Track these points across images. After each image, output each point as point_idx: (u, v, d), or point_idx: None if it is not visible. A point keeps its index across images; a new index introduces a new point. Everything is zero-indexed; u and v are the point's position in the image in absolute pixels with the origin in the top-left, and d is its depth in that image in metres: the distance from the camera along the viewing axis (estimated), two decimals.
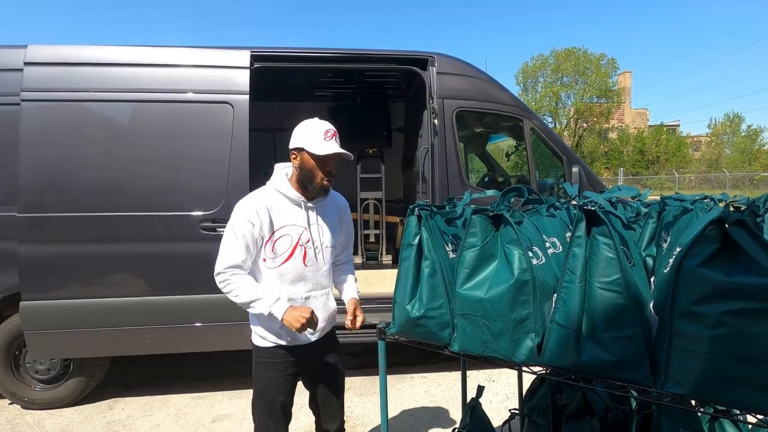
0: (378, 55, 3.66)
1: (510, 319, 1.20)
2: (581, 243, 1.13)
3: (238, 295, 1.73)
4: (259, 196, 1.79)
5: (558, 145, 3.99)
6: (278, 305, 1.71)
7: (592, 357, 1.09)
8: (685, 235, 1.08)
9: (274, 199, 1.79)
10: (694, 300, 0.94)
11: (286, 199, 1.80)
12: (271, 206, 1.77)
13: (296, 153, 1.78)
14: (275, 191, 1.81)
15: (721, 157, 34.87)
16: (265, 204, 1.76)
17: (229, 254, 1.73)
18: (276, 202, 1.79)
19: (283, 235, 1.78)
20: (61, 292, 3.06)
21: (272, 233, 1.76)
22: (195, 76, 3.23)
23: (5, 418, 3.20)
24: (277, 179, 1.83)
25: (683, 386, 0.98)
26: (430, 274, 1.36)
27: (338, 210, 1.98)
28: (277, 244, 1.77)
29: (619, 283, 1.06)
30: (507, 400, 3.31)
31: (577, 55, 32.39)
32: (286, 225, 1.79)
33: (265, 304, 1.71)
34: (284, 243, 1.78)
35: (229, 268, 1.73)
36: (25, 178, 3.00)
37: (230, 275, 1.73)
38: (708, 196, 1.45)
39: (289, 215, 1.80)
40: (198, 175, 3.17)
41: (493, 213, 1.27)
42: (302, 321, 1.67)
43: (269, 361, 1.85)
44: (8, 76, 3.11)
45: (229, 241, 1.74)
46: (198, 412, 3.24)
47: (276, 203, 1.79)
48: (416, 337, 1.41)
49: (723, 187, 24.59)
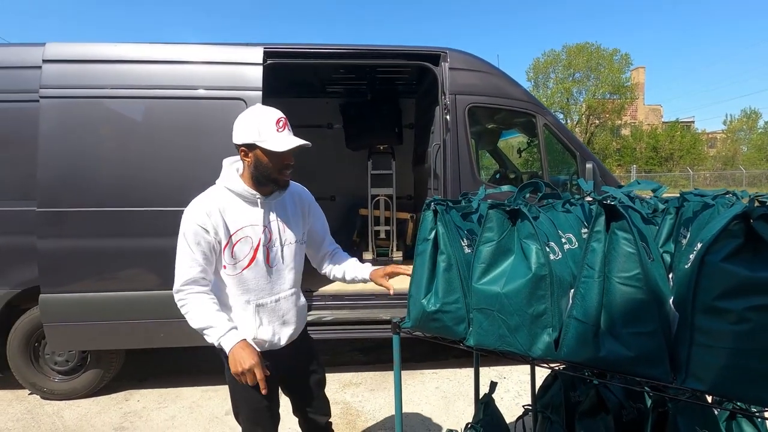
0: (390, 50, 3.65)
1: (527, 313, 1.19)
2: (600, 238, 1.12)
3: (191, 319, 1.55)
4: (208, 198, 1.60)
5: (571, 141, 3.96)
6: (228, 337, 1.52)
7: (610, 352, 1.08)
8: (707, 230, 1.07)
9: (226, 198, 1.61)
10: (716, 295, 0.93)
11: (239, 198, 1.62)
12: (223, 207, 1.59)
13: (246, 149, 1.58)
14: (226, 190, 1.62)
15: (737, 154, 34.17)
16: (216, 206, 1.57)
17: (184, 269, 1.55)
18: (229, 203, 1.60)
19: (241, 237, 1.60)
20: (78, 286, 3.13)
21: (229, 237, 1.58)
22: (209, 72, 3.26)
23: (25, 407, 3.29)
24: (226, 176, 1.64)
25: (704, 382, 0.97)
26: (446, 269, 1.36)
27: (299, 201, 1.80)
28: (236, 249, 1.60)
29: (638, 278, 1.05)
30: (518, 397, 3.31)
31: (589, 50, 31.93)
32: (243, 227, 1.60)
33: (215, 334, 1.52)
34: (244, 246, 1.61)
35: (187, 285, 1.55)
36: (43, 174, 3.06)
37: (187, 293, 1.56)
38: (730, 191, 1.43)
39: (244, 215, 1.61)
40: (212, 171, 3.17)
41: (510, 208, 1.27)
42: (243, 368, 1.49)
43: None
44: (28, 74, 3.17)
45: (184, 253, 1.56)
46: (211, 405, 3.29)
47: (229, 203, 1.60)
48: (431, 331, 1.42)
49: (739, 184, 24.12)
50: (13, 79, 3.20)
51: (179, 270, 1.57)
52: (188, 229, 1.56)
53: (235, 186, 1.62)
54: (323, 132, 5.66)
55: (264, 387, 1.52)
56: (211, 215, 1.56)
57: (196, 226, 1.55)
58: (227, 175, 1.65)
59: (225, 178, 1.65)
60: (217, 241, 1.58)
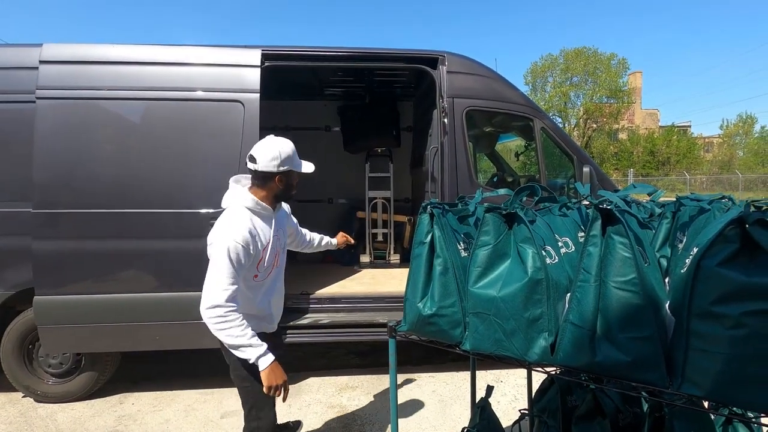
0: (388, 54, 3.65)
1: (523, 318, 1.19)
2: (596, 242, 1.12)
3: (230, 336, 1.72)
4: (242, 219, 1.81)
5: (569, 145, 3.97)
6: (265, 358, 1.76)
7: (607, 357, 1.08)
8: (702, 234, 1.07)
9: (252, 219, 1.84)
10: (712, 300, 0.93)
11: (257, 216, 1.87)
12: (254, 226, 1.83)
13: (283, 176, 1.86)
14: (247, 210, 1.84)
15: (733, 159, 34.36)
16: (249, 229, 1.79)
17: (226, 286, 1.71)
18: (255, 223, 1.84)
19: (269, 249, 1.88)
20: (73, 288, 3.10)
21: (263, 251, 1.85)
22: (207, 74, 3.26)
23: (18, 411, 3.25)
24: (243, 197, 1.85)
25: (700, 387, 0.96)
26: (442, 272, 1.35)
27: (285, 212, 2.16)
28: (266, 259, 1.87)
29: (634, 283, 1.05)
30: (515, 400, 3.30)
31: (586, 54, 32.10)
32: (270, 239, 1.88)
33: (254, 353, 1.74)
34: (270, 255, 1.90)
35: (228, 302, 1.71)
36: (39, 175, 3.05)
37: (227, 311, 1.71)
38: (726, 196, 1.43)
39: (267, 229, 1.89)
40: (209, 173, 3.19)
41: (506, 211, 1.27)
42: (277, 383, 1.76)
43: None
44: (24, 74, 3.16)
45: (226, 271, 1.71)
46: (207, 408, 3.27)
47: (255, 222, 1.84)
48: (427, 335, 1.41)
49: (735, 189, 24.23)
50: (10, 80, 3.18)
51: (220, 287, 1.71)
52: (232, 249, 1.73)
53: (254, 205, 1.85)
54: (321, 135, 5.66)
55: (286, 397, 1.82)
56: (252, 236, 1.79)
57: (240, 246, 1.74)
58: (244, 196, 1.86)
59: (243, 199, 1.85)
60: (255, 257, 1.81)
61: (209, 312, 1.72)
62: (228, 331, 1.71)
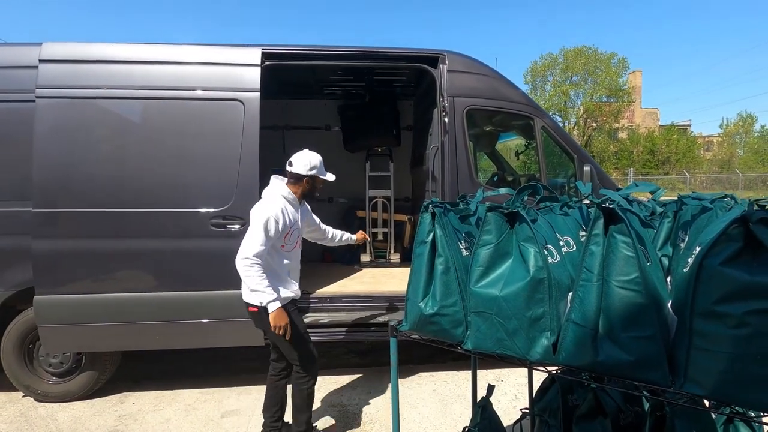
0: (389, 52, 3.65)
1: (525, 317, 1.19)
2: (599, 241, 1.12)
3: (251, 280, 2.34)
4: (279, 203, 2.48)
5: (569, 144, 3.96)
6: (274, 304, 2.37)
7: (609, 357, 1.07)
8: (705, 233, 1.07)
9: (286, 204, 2.52)
10: (715, 299, 0.93)
11: (291, 204, 2.56)
12: (286, 209, 2.50)
13: (310, 179, 2.58)
14: (284, 199, 2.52)
15: (733, 158, 34.36)
16: (282, 208, 2.48)
17: (257, 246, 2.34)
18: (287, 207, 2.52)
19: (294, 229, 2.56)
20: (74, 287, 3.10)
21: (289, 228, 2.51)
22: (207, 73, 3.25)
23: (19, 410, 3.25)
24: (283, 189, 2.55)
25: (703, 387, 0.96)
26: (444, 271, 1.35)
27: (307, 208, 2.79)
28: (290, 236, 2.53)
29: (637, 282, 1.05)
30: (516, 400, 3.30)
31: (586, 54, 32.06)
32: (294, 222, 2.55)
33: (265, 298, 2.35)
34: (294, 235, 2.56)
35: (256, 257, 2.34)
36: (39, 174, 3.04)
37: (253, 263, 2.33)
38: (728, 195, 1.43)
39: (294, 215, 2.56)
40: (209, 172, 3.19)
41: (508, 210, 1.26)
42: (281, 324, 2.37)
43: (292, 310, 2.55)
44: (23, 73, 3.15)
45: (259, 235, 2.35)
46: (207, 408, 3.26)
47: (287, 207, 2.52)
48: (429, 334, 1.41)
49: (735, 188, 24.23)
50: (9, 79, 3.18)
51: (253, 245, 2.34)
52: (268, 221, 2.37)
53: (287, 195, 2.55)
54: (321, 134, 5.65)
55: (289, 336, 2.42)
56: (284, 213, 2.46)
57: (274, 220, 2.39)
58: (282, 187, 2.55)
59: (281, 189, 2.55)
60: (283, 231, 2.46)
61: (241, 261, 2.34)
62: (251, 277, 2.33)
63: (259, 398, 3.37)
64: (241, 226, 3.17)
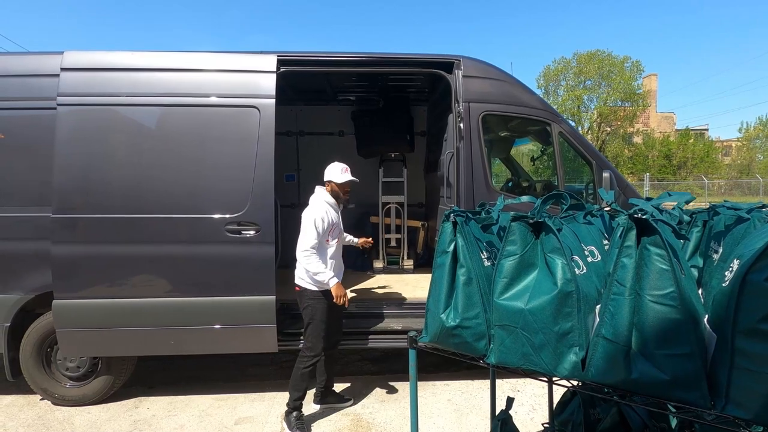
0: (403, 58, 3.63)
1: (552, 331, 1.15)
2: (631, 253, 1.07)
3: (312, 266, 2.89)
4: (322, 206, 3.01)
5: (587, 149, 3.89)
6: (333, 279, 2.93)
7: (643, 375, 1.02)
8: (743, 245, 1.01)
9: (327, 207, 3.05)
10: (761, 317, 0.88)
11: (331, 207, 3.09)
12: (328, 211, 3.02)
13: (329, 184, 3.12)
14: (326, 203, 3.05)
15: (752, 163, 33.54)
16: (327, 209, 3.03)
17: (312, 239, 2.90)
18: (329, 209, 3.05)
19: (336, 227, 3.10)
20: (91, 292, 3.13)
21: (332, 227, 3.04)
22: (223, 80, 3.28)
23: (36, 413, 3.28)
24: (325, 195, 3.09)
25: (747, 409, 0.91)
26: (466, 282, 1.31)
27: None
28: (333, 232, 3.07)
29: (673, 297, 1.00)
30: (533, 411, 3.22)
31: (600, 58, 31.69)
32: (336, 222, 3.10)
33: (326, 276, 2.91)
34: (336, 232, 3.11)
35: (312, 248, 2.90)
36: (59, 181, 3.09)
37: (311, 253, 2.90)
38: (766, 205, 1.36)
39: (334, 216, 3.08)
40: (224, 179, 3.20)
41: (533, 220, 1.22)
42: (341, 293, 2.94)
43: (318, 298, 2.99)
44: (45, 82, 3.21)
45: (312, 231, 2.91)
46: (221, 414, 3.26)
47: (329, 209, 3.05)
48: (450, 347, 1.37)
49: (755, 193, 23.62)
50: (32, 87, 3.24)
51: (308, 239, 2.91)
52: (317, 219, 2.93)
53: (330, 200, 3.10)
54: (334, 139, 5.66)
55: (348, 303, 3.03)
56: (328, 213, 3.01)
57: (321, 218, 2.94)
58: (325, 194, 3.10)
59: (325, 195, 3.09)
60: (328, 228, 2.99)
61: (301, 253, 2.92)
62: (312, 264, 2.89)
63: (272, 405, 3.36)
64: (255, 232, 3.17)
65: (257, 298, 3.19)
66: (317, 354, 3.01)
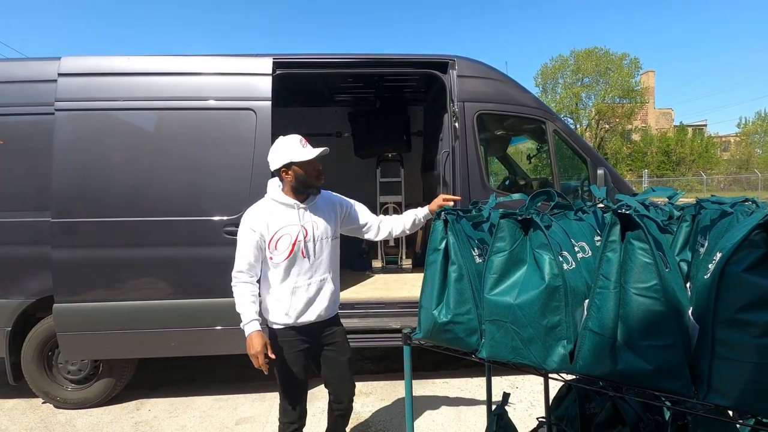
0: (398, 59, 3.66)
1: (541, 325, 1.17)
2: (615, 248, 1.10)
3: (236, 303, 2.04)
4: (257, 207, 2.10)
5: (582, 147, 3.92)
6: (248, 327, 1.97)
7: (628, 366, 1.05)
8: (726, 239, 1.04)
9: (271, 207, 2.09)
10: (739, 307, 0.90)
11: (281, 205, 2.08)
12: (268, 213, 2.06)
13: (285, 169, 2.03)
14: (272, 201, 2.10)
15: (751, 158, 33.58)
16: (262, 212, 2.07)
17: (237, 260, 2.05)
18: (273, 209, 2.08)
19: (282, 235, 2.05)
20: (92, 295, 3.16)
21: (272, 235, 2.04)
22: (219, 83, 3.30)
23: (38, 416, 3.31)
24: (272, 191, 2.12)
25: (727, 397, 0.93)
26: (457, 279, 1.34)
27: (329, 204, 2.23)
28: (279, 244, 2.05)
29: (656, 289, 1.03)
30: (531, 407, 3.25)
31: (597, 55, 31.75)
32: (283, 227, 2.06)
33: (242, 321, 1.99)
34: (284, 242, 2.05)
35: (238, 273, 2.04)
36: (58, 185, 3.12)
37: (236, 281, 2.04)
38: (749, 199, 1.39)
39: (284, 218, 2.07)
40: (222, 181, 3.23)
41: (522, 217, 1.25)
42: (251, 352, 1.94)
43: (282, 340, 2.12)
44: (43, 87, 3.24)
45: (238, 247, 2.06)
46: (222, 414, 3.28)
47: (273, 210, 2.07)
48: (443, 342, 1.40)
49: (754, 188, 23.64)
50: (30, 93, 3.26)
51: (235, 261, 2.05)
52: (242, 232, 2.06)
53: (278, 197, 2.08)
54: (332, 140, 5.69)
55: (265, 368, 1.97)
56: (259, 220, 2.04)
57: (248, 229, 2.04)
58: (272, 190, 2.13)
59: (271, 192, 2.12)
60: (262, 239, 2.04)
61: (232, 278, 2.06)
62: (234, 295, 2.03)
63: (273, 405, 3.39)
64: None
65: None
66: (291, 421, 2.18)
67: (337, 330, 2.27)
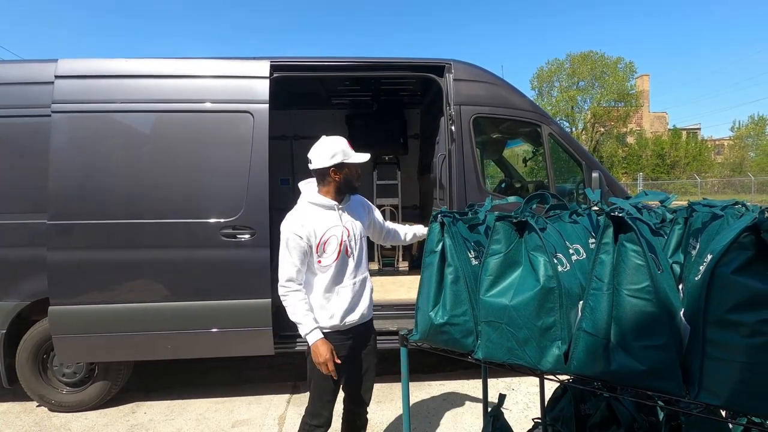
0: (395, 62, 3.69)
1: (536, 326, 1.19)
2: (608, 250, 1.12)
3: (289, 312, 2.01)
4: (298, 213, 2.06)
5: (577, 150, 3.95)
6: (312, 335, 1.98)
7: (621, 366, 1.07)
8: (716, 241, 1.06)
9: (311, 210, 2.06)
10: (728, 308, 0.92)
11: (321, 207, 2.07)
12: (311, 217, 2.04)
13: (337, 169, 2.03)
14: (309, 204, 2.07)
15: (745, 161, 33.93)
16: (305, 217, 2.03)
17: (285, 269, 2.00)
18: (314, 213, 2.05)
19: (329, 237, 2.04)
20: (87, 298, 3.15)
21: (320, 238, 2.02)
22: (216, 86, 3.31)
23: (33, 420, 3.29)
24: (309, 194, 2.10)
25: (718, 396, 0.95)
26: (454, 281, 1.36)
27: (360, 204, 2.26)
28: (327, 246, 2.03)
29: (648, 291, 1.05)
30: (527, 409, 3.26)
31: (593, 59, 32.05)
32: (329, 228, 2.04)
33: (303, 330, 1.99)
34: (332, 243, 2.04)
35: (287, 282, 2.01)
36: (54, 187, 3.11)
37: (287, 291, 2.00)
38: (739, 202, 1.42)
39: (327, 220, 2.06)
40: (219, 183, 3.24)
41: (517, 219, 1.27)
42: (320, 360, 1.95)
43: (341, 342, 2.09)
44: (40, 89, 3.23)
45: (284, 256, 2.01)
46: (218, 417, 3.28)
47: (314, 214, 2.05)
48: (439, 344, 1.41)
49: (748, 191, 23.87)
50: (27, 95, 3.26)
51: (281, 269, 2.01)
52: (287, 238, 2.00)
53: (317, 199, 2.07)
54: None
55: (335, 374, 2.00)
56: (305, 225, 2.01)
57: (294, 234, 1.99)
58: (309, 192, 2.11)
59: (307, 195, 2.10)
60: (309, 245, 2.01)
61: (278, 289, 2.03)
62: (287, 307, 2.01)
63: (269, 407, 3.38)
64: (251, 236, 3.20)
65: (253, 302, 3.21)
66: (320, 425, 2.14)
67: (372, 335, 2.30)
